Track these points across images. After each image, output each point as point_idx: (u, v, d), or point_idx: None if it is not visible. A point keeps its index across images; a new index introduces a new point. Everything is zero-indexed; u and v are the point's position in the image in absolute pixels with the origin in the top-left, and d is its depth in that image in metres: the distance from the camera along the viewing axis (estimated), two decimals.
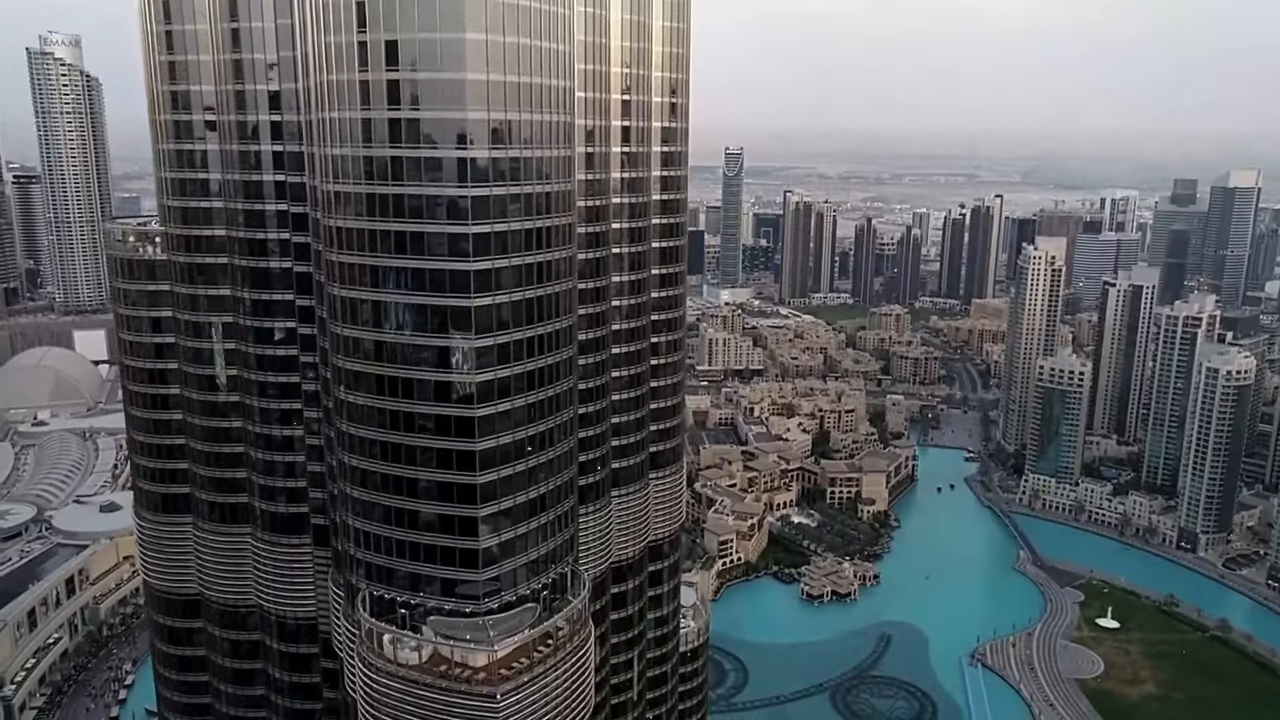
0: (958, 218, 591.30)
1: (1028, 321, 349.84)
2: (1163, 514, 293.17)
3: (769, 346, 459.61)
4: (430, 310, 62.84)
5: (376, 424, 65.57)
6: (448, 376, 63.63)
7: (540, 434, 67.81)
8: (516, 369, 65.43)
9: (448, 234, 61.67)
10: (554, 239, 67.26)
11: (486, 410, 64.16)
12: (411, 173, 61.36)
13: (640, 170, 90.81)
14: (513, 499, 66.47)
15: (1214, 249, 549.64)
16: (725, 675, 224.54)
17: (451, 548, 65.68)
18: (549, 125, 65.70)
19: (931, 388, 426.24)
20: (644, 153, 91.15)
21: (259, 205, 79.68)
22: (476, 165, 61.49)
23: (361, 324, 64.59)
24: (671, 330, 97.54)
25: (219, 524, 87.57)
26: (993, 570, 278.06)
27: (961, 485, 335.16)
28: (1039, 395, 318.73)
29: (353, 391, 66.00)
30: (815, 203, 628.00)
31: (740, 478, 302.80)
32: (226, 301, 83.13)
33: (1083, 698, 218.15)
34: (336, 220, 64.71)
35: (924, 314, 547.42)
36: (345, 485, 68.41)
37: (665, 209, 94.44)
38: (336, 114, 63.05)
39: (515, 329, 64.84)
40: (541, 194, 65.65)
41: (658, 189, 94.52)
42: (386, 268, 63.02)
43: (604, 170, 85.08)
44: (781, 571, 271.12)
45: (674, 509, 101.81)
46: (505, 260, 63.45)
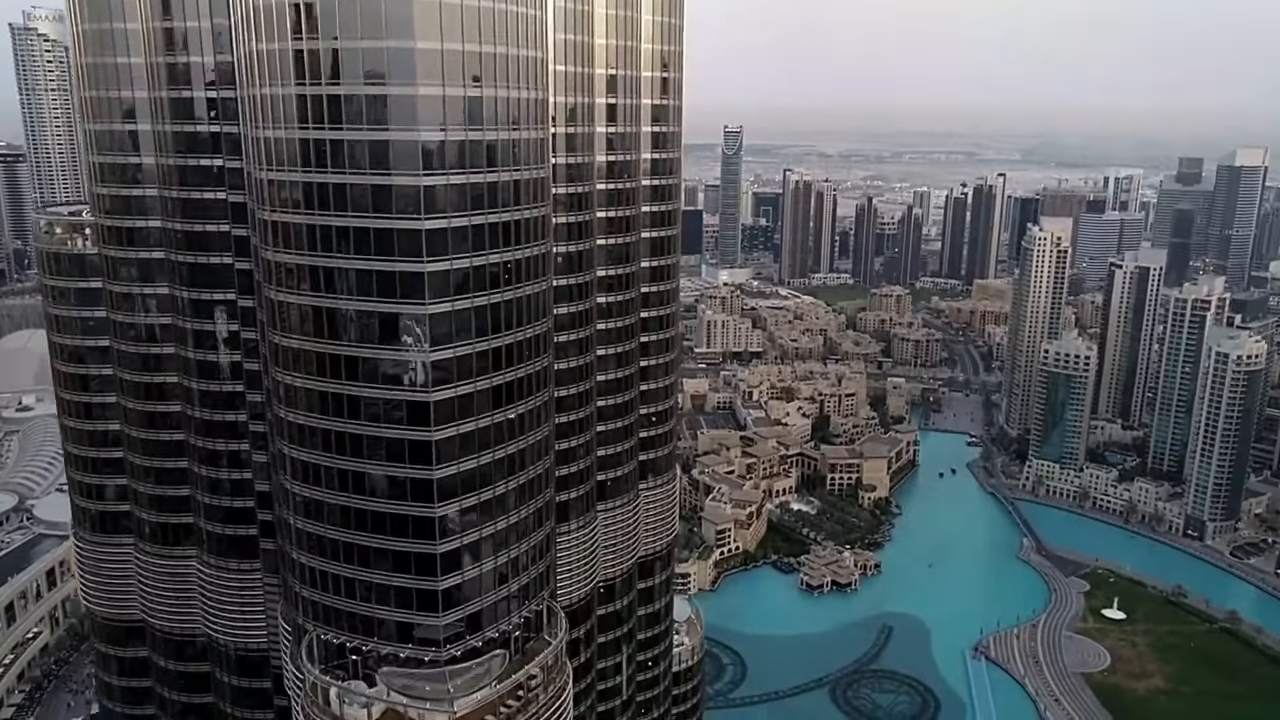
0: (959, 197, 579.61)
1: (1032, 303, 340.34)
2: (1169, 501, 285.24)
3: (768, 328, 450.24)
4: (378, 318, 53.93)
5: (320, 447, 56.86)
6: (400, 394, 54.77)
7: (510, 457, 59.06)
8: (481, 384, 56.56)
9: (396, 230, 52.63)
10: (525, 233, 58.20)
11: (445, 432, 55.40)
12: (353, 158, 52.15)
13: (628, 153, 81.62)
14: (477, 532, 57.85)
15: (1219, 229, 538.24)
16: (723, 669, 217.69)
17: (407, 588, 57.16)
18: (518, 103, 56.53)
19: (933, 370, 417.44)
20: (632, 133, 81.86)
21: (197, 193, 70.38)
22: (429, 150, 52.17)
23: (300, 333, 55.65)
24: (663, 328, 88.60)
25: (162, 545, 78.97)
26: (996, 559, 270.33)
27: (964, 470, 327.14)
28: (1043, 379, 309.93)
29: (292, 409, 57.11)
30: (815, 181, 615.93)
31: (739, 464, 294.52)
32: (165, 301, 73.93)
33: (1089, 692, 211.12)
34: (271, 213, 55.56)
35: (925, 295, 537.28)
36: (288, 514, 59.79)
37: (656, 195, 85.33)
38: (269, 89, 53.85)
39: (479, 338, 55.95)
40: (509, 182, 56.55)
41: (648, 173, 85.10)
42: (326, 268, 54.00)
43: (587, 153, 75.92)
44: (780, 561, 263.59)
45: (666, 521, 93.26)
46: (466, 260, 54.49)
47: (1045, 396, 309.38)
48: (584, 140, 75.40)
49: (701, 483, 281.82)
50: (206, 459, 74.21)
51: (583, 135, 75.10)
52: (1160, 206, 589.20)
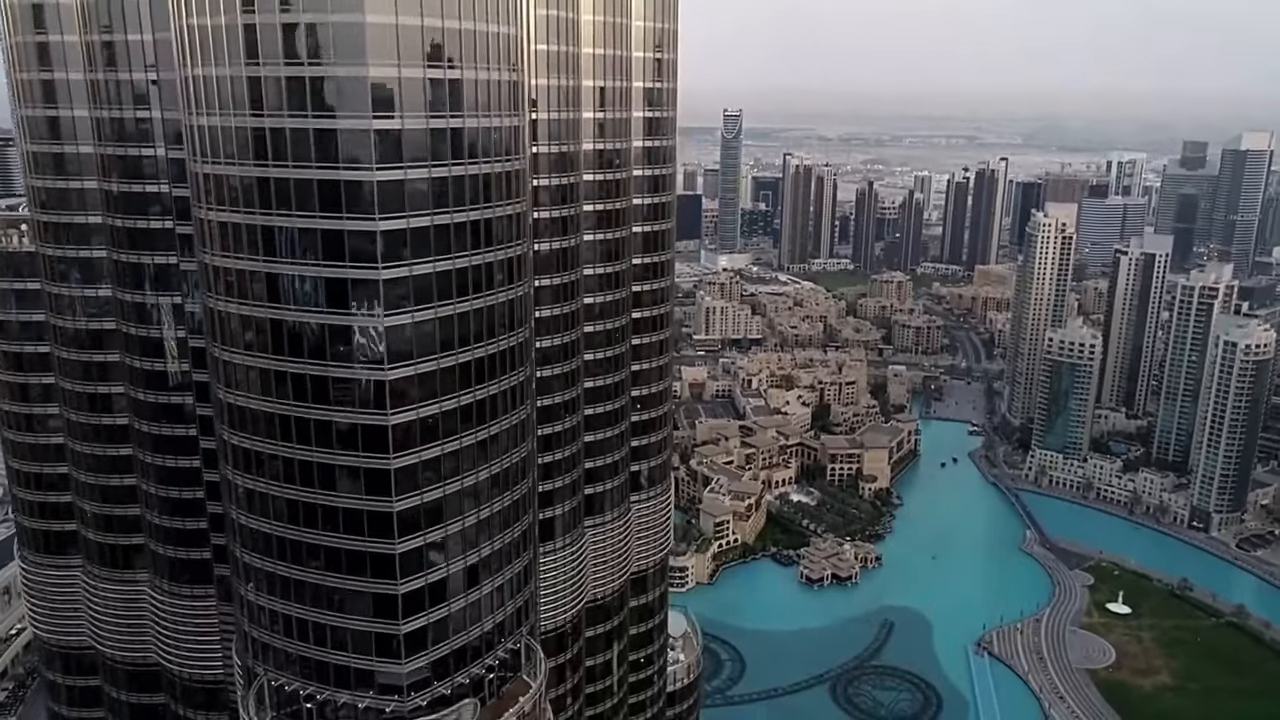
0: (961, 181, 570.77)
1: (1036, 291, 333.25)
2: (1174, 492, 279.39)
3: (768, 315, 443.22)
4: (327, 331, 47.04)
5: (266, 474, 50.24)
6: (353, 416, 48.10)
7: (482, 483, 52.48)
8: (447, 403, 49.89)
9: (347, 232, 45.75)
10: (498, 233, 51.43)
11: (406, 459, 48.81)
12: (296, 150, 45.23)
13: (618, 140, 74.54)
14: (445, 568, 51.41)
15: (1224, 214, 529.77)
16: (721, 665, 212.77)
17: (366, 631, 50.65)
18: (488, 85, 49.42)
19: (934, 358, 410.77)
20: (622, 119, 74.73)
21: (139, 186, 63.40)
22: (383, 139, 45.25)
23: (243, 347, 48.99)
24: (657, 329, 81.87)
25: (111, 568, 72.56)
26: (998, 551, 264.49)
27: (965, 460, 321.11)
28: (1047, 368, 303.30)
29: (237, 431, 50.51)
30: (815, 166, 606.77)
31: (738, 454, 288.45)
32: (108, 304, 67.13)
33: (1094, 689, 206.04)
34: (209, 211, 48.69)
35: (926, 281, 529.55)
36: (235, 545, 53.21)
37: (649, 186, 78.09)
38: (201, 70, 46.76)
39: (445, 353, 49.23)
40: (479, 176, 49.54)
41: (640, 162, 77.96)
42: (270, 275, 47.18)
43: (571, 141, 68.73)
44: (780, 553, 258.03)
45: (661, 534, 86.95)
46: (428, 264, 47.68)
47: (1049, 385, 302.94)
48: (567, 128, 68.43)
49: (700, 473, 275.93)
50: (156, 476, 67.68)
51: (567, 121, 68.09)
52: (1164, 191, 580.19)
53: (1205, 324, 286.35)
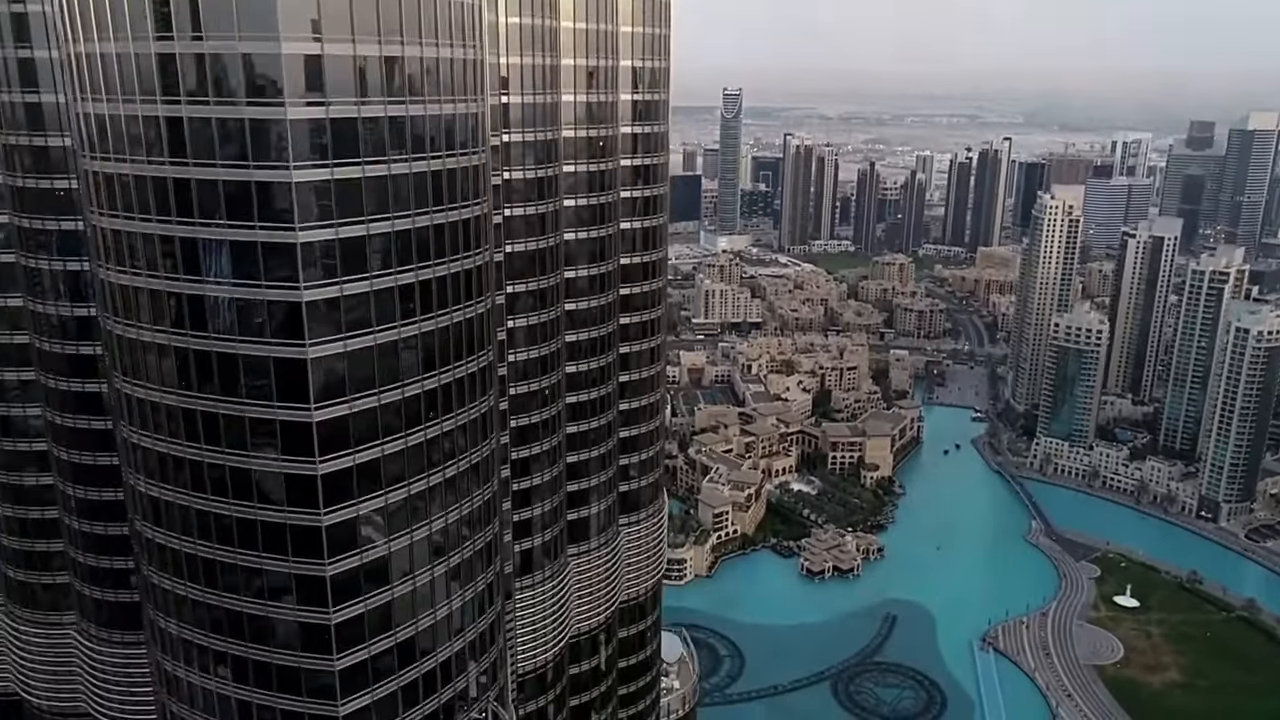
0: (963, 161, 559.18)
1: (1041, 274, 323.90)
2: (1182, 481, 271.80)
3: (768, 298, 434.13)
4: (243, 365, 38.50)
5: (180, 530, 41.80)
6: (277, 464, 39.65)
7: (434, 535, 44.08)
8: (391, 445, 41.55)
9: (261, 245, 37.09)
10: (452, 240, 42.71)
11: (340, 514, 40.36)
12: (197, 144, 36.53)
13: (603, 126, 65.55)
14: (391, 637, 43.03)
15: (1230, 195, 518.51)
16: (720, 662, 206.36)
17: (298, 713, 42.39)
18: (439, 65, 40.65)
19: (937, 342, 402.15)
20: (608, 102, 65.64)
21: (48, 182, 54.59)
22: (303, 131, 36.50)
23: (147, 381, 40.46)
24: (647, 336, 73.17)
25: (34, 610, 64.45)
26: (1003, 542, 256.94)
27: (969, 447, 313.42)
28: (1053, 354, 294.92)
29: (147, 479, 42.12)
30: (816, 146, 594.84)
31: (737, 442, 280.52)
32: (20, 316, 58.57)
33: (1101, 686, 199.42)
34: (103, 217, 40.03)
35: (928, 262, 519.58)
36: (150, 609, 45.05)
37: (638, 178, 69.14)
38: (84, 46, 38.01)
39: (386, 386, 40.70)
40: (428, 173, 40.79)
41: (628, 151, 69.09)
42: (174, 295, 38.58)
43: (548, 129, 59.77)
44: (780, 544, 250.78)
45: (652, 559, 78.87)
46: (363, 282, 38.95)
47: (1055, 371, 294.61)
48: (543, 113, 59.63)
49: (698, 462, 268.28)
50: (79, 510, 59.59)
51: (541, 106, 59.30)
52: (1169, 172, 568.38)
53: (1215, 309, 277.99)
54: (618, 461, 73.38)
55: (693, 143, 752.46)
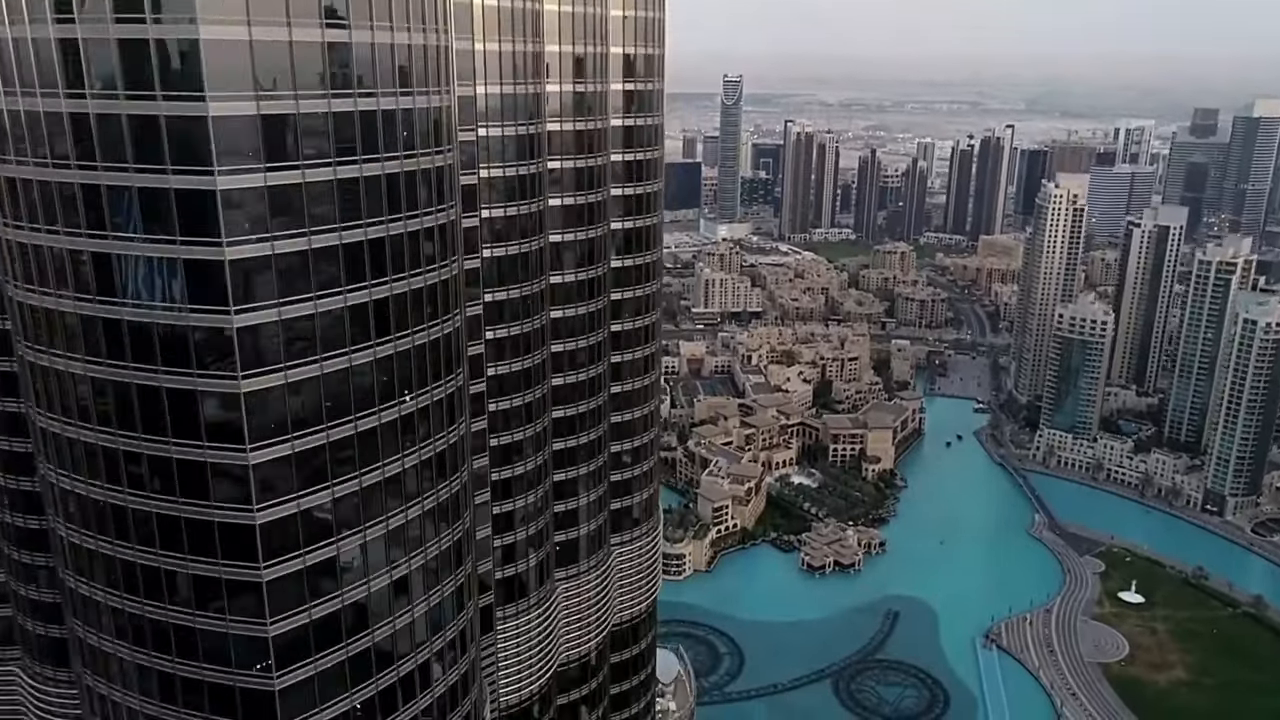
0: (965, 149, 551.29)
1: (1045, 264, 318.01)
2: (1187, 474, 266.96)
3: (768, 287, 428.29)
4: (166, 397, 33.13)
5: (104, 582, 36.53)
6: (209, 512, 34.35)
7: (392, 586, 38.74)
8: (342, 487, 36.07)
9: (184, 262, 31.59)
10: (413, 253, 37.18)
11: (283, 567, 35.09)
12: (107, 145, 31.05)
13: (592, 119, 59.83)
14: (347, 699, 37.78)
15: (1234, 183, 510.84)
16: (719, 659, 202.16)
17: None
18: (396, 52, 35.03)
19: (938, 331, 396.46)
20: (598, 92, 59.93)
21: None
22: (231, 131, 30.95)
23: (62, 411, 35.13)
24: (641, 344, 67.76)
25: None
26: (1006, 536, 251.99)
27: (971, 439, 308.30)
28: (1057, 345, 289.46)
29: (68, 524, 36.86)
30: (817, 133, 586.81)
31: (736, 434, 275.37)
32: None
33: (1106, 685, 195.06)
34: (8, 230, 34.55)
35: (929, 251, 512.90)
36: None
37: (629, 174, 63.61)
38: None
39: (335, 422, 35.22)
40: (382, 177, 35.22)
41: (619, 145, 63.43)
42: (87, 319, 33.21)
43: (530, 123, 54.15)
44: (780, 538, 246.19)
45: (646, 579, 73.73)
46: (305, 303, 33.46)
47: (1058, 363, 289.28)
48: (523, 105, 54.05)
49: (698, 455, 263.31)
50: (17, 539, 54.47)
51: (522, 98, 53.69)
52: (1173, 159, 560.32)
53: (1222, 299, 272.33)
54: (609, 478, 68.18)
55: (693, 130, 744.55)
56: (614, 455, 68.50)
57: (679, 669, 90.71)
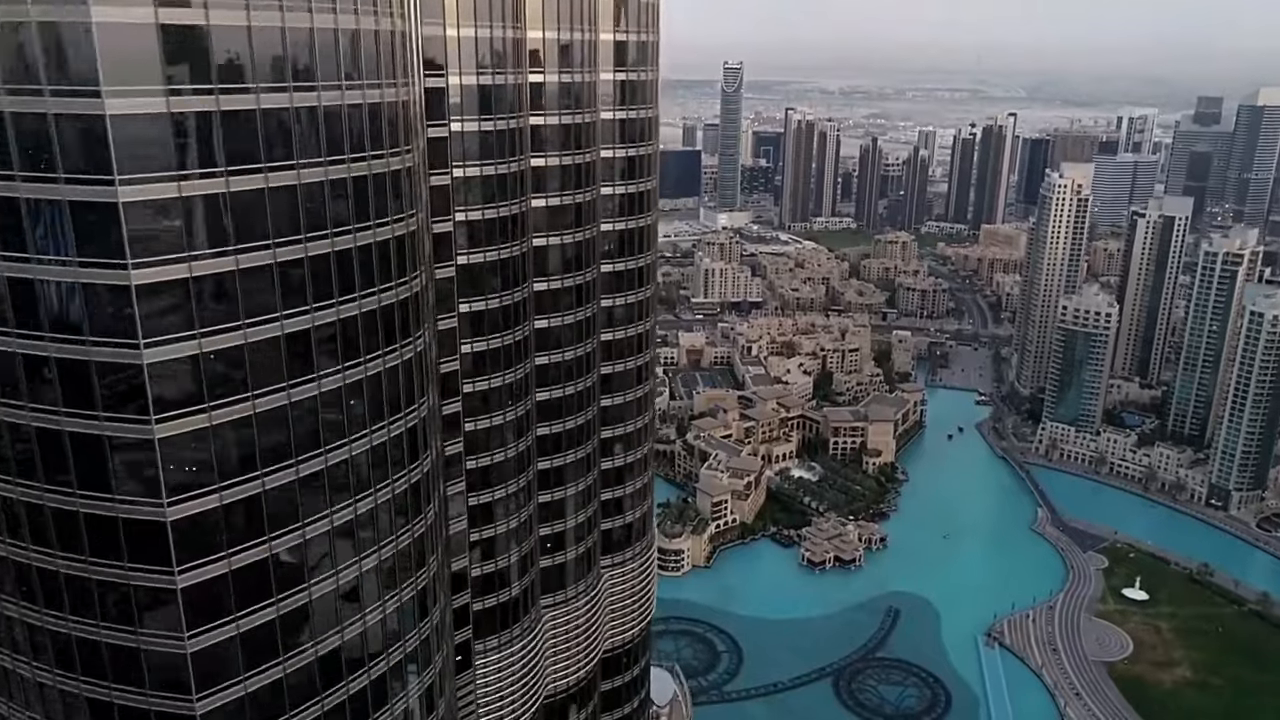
0: (967, 137, 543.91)
1: (1049, 255, 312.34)
2: (1191, 468, 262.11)
3: (768, 276, 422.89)
4: (71, 445, 28.04)
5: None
6: (122, 575, 29.29)
7: (331, 655, 33.65)
8: (283, 542, 30.90)
9: (82, 285, 26.39)
10: (367, 269, 31.99)
11: (211, 635, 30.02)
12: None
13: (578, 111, 54.42)
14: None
15: (1238, 172, 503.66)
16: (718, 658, 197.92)
17: None
18: (341, 38, 29.73)
19: (940, 322, 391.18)
20: (584, 83, 54.51)
21: None
22: (134, 133, 25.74)
23: None
24: (633, 353, 62.65)
25: None
26: (1009, 532, 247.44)
27: (972, 432, 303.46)
28: (1060, 337, 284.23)
29: None
30: (818, 121, 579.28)
31: (736, 427, 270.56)
32: None
33: (1111, 685, 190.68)
34: None
35: (930, 240, 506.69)
36: None
37: (622, 171, 58.17)
38: None
39: (272, 468, 30.09)
40: (323, 184, 29.98)
41: (611, 141, 58.08)
42: None
43: (508, 116, 48.80)
44: (780, 533, 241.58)
45: (640, 602, 68.94)
46: (233, 332, 28.29)
47: (1062, 355, 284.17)
48: (500, 97, 48.71)
49: (697, 448, 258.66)
50: None
51: (500, 90, 48.35)
52: (1176, 148, 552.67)
53: (1228, 291, 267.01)
54: (599, 497, 63.17)
55: (693, 117, 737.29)
56: (604, 473, 63.51)
57: (674, 689, 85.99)
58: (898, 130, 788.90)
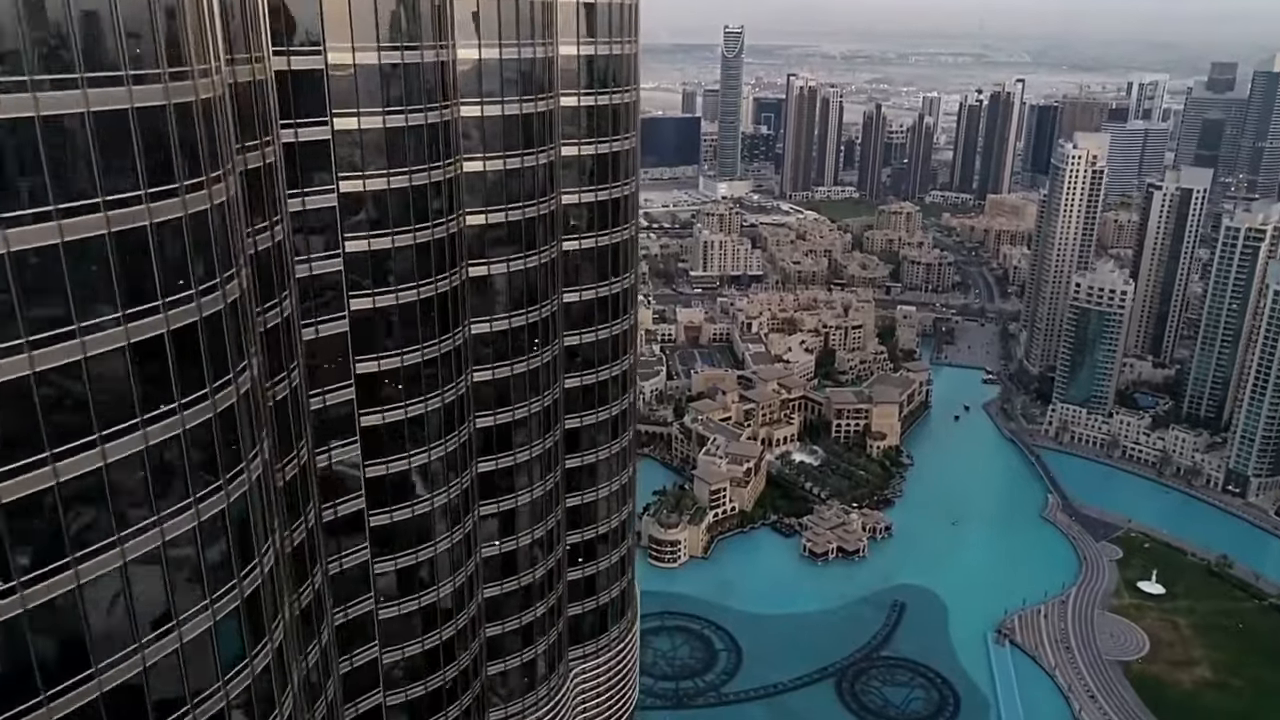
0: (973, 104, 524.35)
1: (1061, 229, 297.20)
2: (1207, 452, 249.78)
3: (769, 249, 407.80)
4: None
5: None
6: None
7: None
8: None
9: None
10: (185, 343, 18.44)
11: None
12: None
13: (529, 99, 40.24)
14: None
15: (1252, 141, 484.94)
16: (716, 656, 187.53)
17: None
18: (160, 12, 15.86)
19: (945, 296, 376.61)
20: (539, 58, 40.28)
21: None
22: None
23: None
24: (609, 401, 49.00)
25: None
26: (1018, 520, 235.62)
27: (979, 412, 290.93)
28: (1073, 316, 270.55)
29: None
30: (820, 87, 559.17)
31: (736, 410, 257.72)
32: None
33: (1127, 686, 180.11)
34: None
35: (935, 210, 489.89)
36: None
37: (591, 174, 44.19)
38: None
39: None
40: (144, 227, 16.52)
41: (579, 131, 43.96)
42: None
43: (439, 104, 34.82)
44: (780, 521, 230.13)
45: (619, 695, 55.82)
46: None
47: (1074, 334, 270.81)
48: (428, 77, 34.73)
49: (694, 432, 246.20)
50: None
51: (428, 68, 34.41)
52: (1188, 115, 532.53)
53: (1250, 268, 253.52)
54: (565, 578, 50.20)
55: (693, 82, 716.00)
56: (573, 548, 50.50)
57: None
58: (900, 96, 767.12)
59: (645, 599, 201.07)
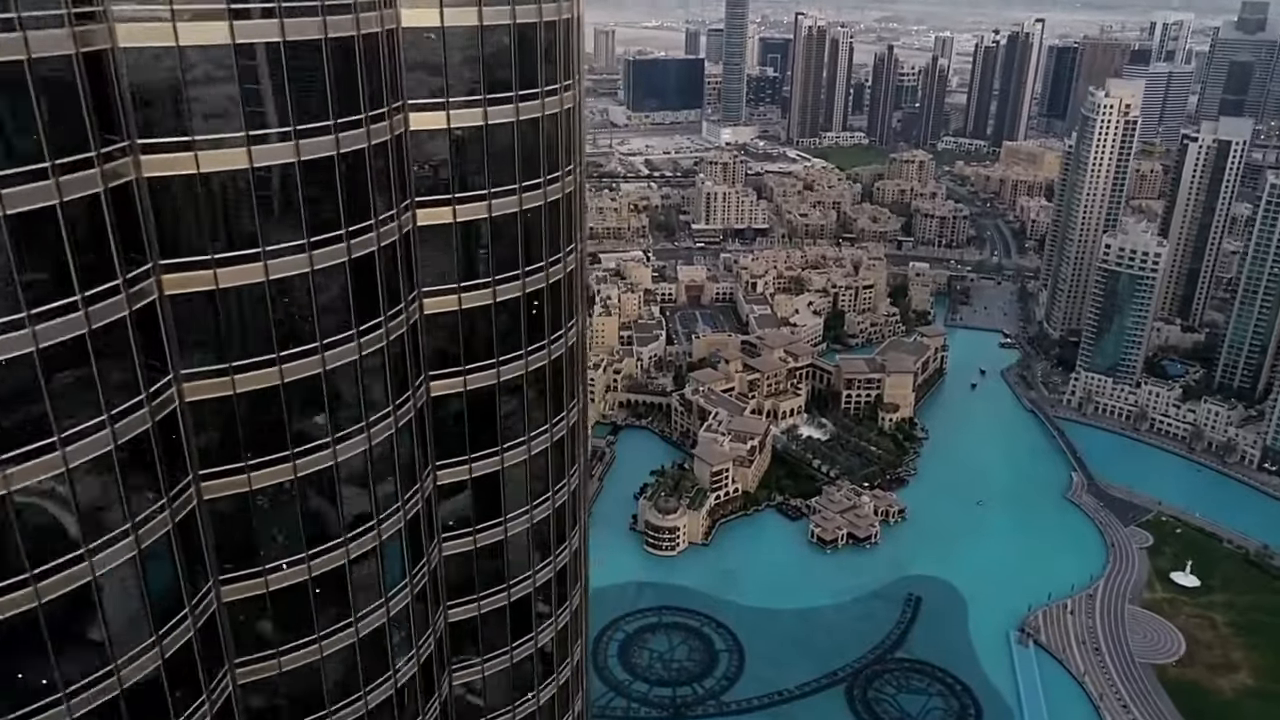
0: (990, 45, 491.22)
1: (1089, 183, 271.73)
2: (1242, 426, 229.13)
3: (775, 200, 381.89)
4: None
5: None
6: None
7: None
8: None
9: None
10: None
11: None
12: None
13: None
14: None
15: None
16: (716, 658, 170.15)
17: None
18: None
19: (959, 251, 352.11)
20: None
21: None
22: None
23: None
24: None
25: None
26: (1041, 501, 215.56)
27: (997, 379, 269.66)
28: (1101, 278, 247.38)
29: None
30: (829, 26, 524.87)
31: (739, 379, 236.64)
32: None
33: (1162, 693, 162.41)
34: None
35: (948, 157, 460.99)
36: None
37: (542, 157, 22.08)
38: None
39: None
40: None
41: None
42: None
43: None
44: (787, 503, 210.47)
45: None
46: None
47: (1101, 298, 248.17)
48: None
49: (695, 405, 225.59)
50: None
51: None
52: (1215, 58, 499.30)
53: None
54: None
55: (696, 20, 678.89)
56: None
57: None
58: (911, 36, 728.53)
59: (642, 591, 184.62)
